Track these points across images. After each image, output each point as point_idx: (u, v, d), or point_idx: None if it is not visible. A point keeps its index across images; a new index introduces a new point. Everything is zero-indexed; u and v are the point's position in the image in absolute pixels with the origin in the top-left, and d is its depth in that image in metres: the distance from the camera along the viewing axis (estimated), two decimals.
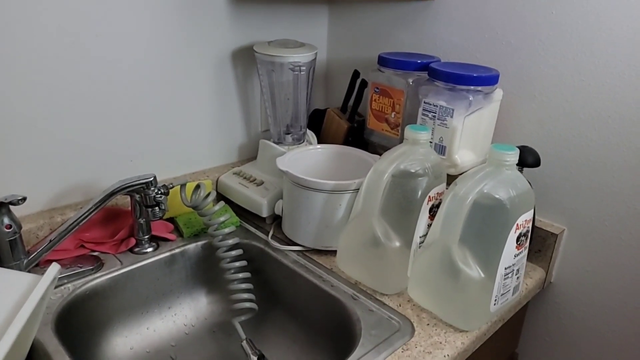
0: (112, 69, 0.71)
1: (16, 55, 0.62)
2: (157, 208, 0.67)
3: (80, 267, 0.65)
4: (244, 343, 0.66)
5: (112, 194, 0.63)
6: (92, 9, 0.66)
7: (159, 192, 0.67)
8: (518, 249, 0.60)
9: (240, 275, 0.70)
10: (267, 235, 0.78)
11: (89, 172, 0.73)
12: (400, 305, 0.63)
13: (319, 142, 0.90)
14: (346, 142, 0.89)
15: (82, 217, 0.62)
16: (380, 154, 0.80)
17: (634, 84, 0.63)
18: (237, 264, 0.69)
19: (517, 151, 0.58)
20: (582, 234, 0.72)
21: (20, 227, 0.58)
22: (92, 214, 0.62)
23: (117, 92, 0.73)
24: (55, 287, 0.62)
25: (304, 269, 0.70)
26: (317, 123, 0.95)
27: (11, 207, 0.57)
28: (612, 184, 0.67)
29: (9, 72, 0.62)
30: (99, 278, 0.65)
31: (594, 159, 0.68)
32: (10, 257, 0.58)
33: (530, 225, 0.61)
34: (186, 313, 0.74)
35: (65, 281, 0.63)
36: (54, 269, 0.47)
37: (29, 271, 0.60)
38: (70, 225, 0.61)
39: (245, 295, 0.69)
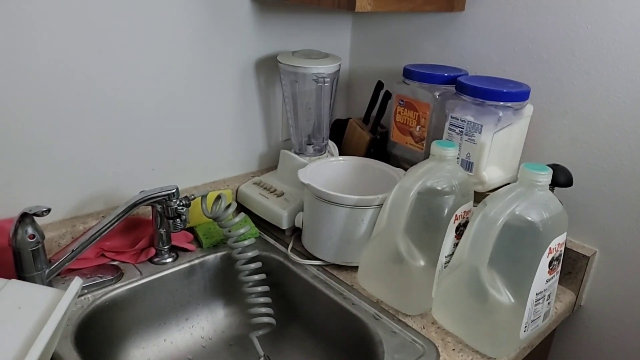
0: (135, 77, 0.71)
1: (39, 64, 0.62)
2: (178, 220, 0.66)
3: (101, 277, 0.64)
4: None
5: (135, 205, 0.63)
6: (117, 18, 0.66)
7: (181, 204, 0.66)
8: (550, 274, 0.57)
9: (259, 288, 0.68)
10: (287, 248, 0.76)
11: (111, 180, 0.73)
12: (424, 328, 0.61)
13: (340, 153, 0.89)
14: (368, 153, 0.87)
15: (104, 228, 0.61)
16: (403, 167, 0.78)
17: None
18: (256, 277, 0.68)
19: (550, 171, 0.56)
20: (616, 257, 0.69)
21: (43, 237, 0.58)
22: (114, 225, 0.62)
23: (140, 100, 0.73)
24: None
25: (324, 285, 0.68)
26: (339, 133, 0.94)
27: (35, 217, 0.57)
28: None
29: (32, 82, 0.62)
30: (119, 289, 0.65)
31: (630, 179, 0.65)
32: (32, 267, 0.58)
33: (562, 248, 0.58)
34: (203, 325, 0.73)
35: (86, 291, 0.63)
36: (76, 284, 0.46)
37: (49, 281, 0.60)
38: (92, 235, 0.61)
39: (264, 310, 0.68)
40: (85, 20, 0.64)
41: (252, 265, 0.68)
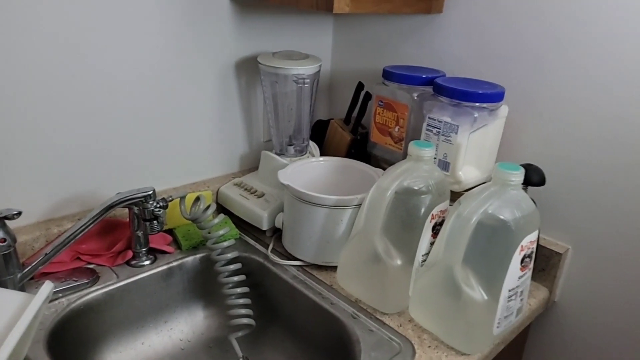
0: (112, 78, 0.70)
1: (13, 64, 0.61)
2: (155, 222, 0.66)
3: (76, 281, 0.64)
4: None
5: (110, 207, 0.62)
6: (94, 19, 0.66)
7: (158, 206, 0.66)
8: (522, 271, 0.58)
9: (239, 289, 0.68)
10: (267, 249, 0.76)
11: (87, 182, 0.72)
12: (401, 326, 0.62)
13: (322, 153, 0.89)
14: (349, 154, 0.88)
15: (79, 230, 0.61)
16: (383, 168, 0.79)
17: None
18: (236, 278, 0.68)
19: (523, 171, 0.57)
20: (587, 253, 0.71)
21: (15, 241, 0.57)
22: (89, 227, 0.61)
23: (117, 101, 0.72)
24: (49, 302, 0.60)
25: (303, 285, 0.68)
26: (320, 134, 0.94)
27: (6, 221, 0.56)
28: (619, 203, 0.66)
29: (5, 83, 0.61)
30: (95, 292, 0.64)
31: (601, 178, 0.67)
32: (4, 271, 0.57)
33: (534, 246, 0.60)
34: (182, 328, 0.73)
35: (60, 295, 0.62)
36: (47, 288, 0.46)
37: (22, 285, 0.59)
38: (66, 238, 0.60)
39: (243, 311, 0.68)
40: (59, 22, 0.63)
41: (232, 267, 0.68)
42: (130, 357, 0.67)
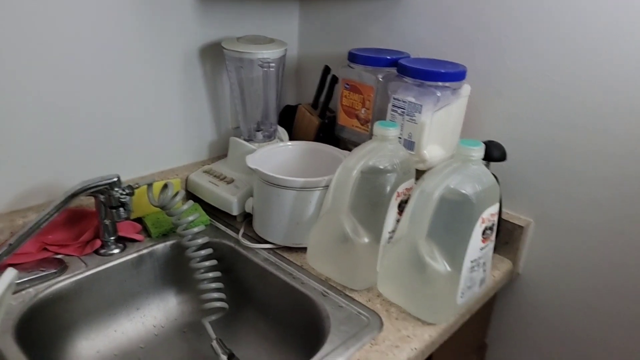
0: (74, 65, 0.69)
1: None
2: (121, 209, 0.66)
3: (43, 271, 0.63)
4: (214, 343, 0.65)
5: (74, 195, 0.61)
6: (53, 4, 0.64)
7: (124, 193, 0.65)
8: (484, 242, 0.61)
9: (210, 274, 0.69)
10: (238, 234, 0.77)
11: (53, 172, 0.71)
12: (369, 301, 0.63)
13: (291, 139, 0.90)
14: (317, 138, 0.89)
15: (43, 219, 0.60)
16: (351, 150, 0.80)
17: (600, 84, 0.64)
18: (207, 263, 0.69)
19: (483, 146, 0.59)
20: (548, 227, 0.74)
21: None
22: (54, 216, 0.60)
23: (80, 89, 0.71)
24: (16, 292, 0.60)
25: (274, 267, 0.69)
26: (289, 119, 0.95)
27: None
28: (577, 178, 0.69)
29: None
30: (63, 281, 0.63)
31: (559, 155, 0.70)
32: None
33: (495, 218, 0.62)
34: (155, 314, 0.73)
35: (27, 285, 0.61)
36: (9, 274, 0.45)
37: None
38: (30, 228, 0.59)
39: (215, 295, 0.69)
40: (18, 8, 0.61)
41: (203, 252, 0.68)
42: (103, 344, 0.67)
